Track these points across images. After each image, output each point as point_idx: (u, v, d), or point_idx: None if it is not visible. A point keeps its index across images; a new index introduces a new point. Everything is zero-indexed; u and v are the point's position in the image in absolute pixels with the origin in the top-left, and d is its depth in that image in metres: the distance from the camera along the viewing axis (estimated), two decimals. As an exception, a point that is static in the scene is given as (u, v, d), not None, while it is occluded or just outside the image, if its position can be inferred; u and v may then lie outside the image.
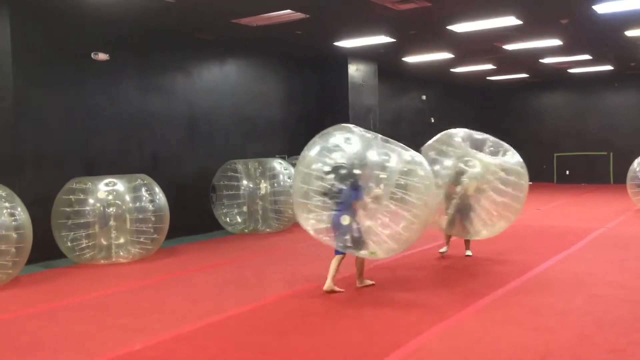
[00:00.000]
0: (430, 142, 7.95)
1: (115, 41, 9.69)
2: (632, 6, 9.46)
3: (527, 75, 18.83)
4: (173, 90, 10.80)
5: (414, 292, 6.36)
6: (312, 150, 6.13)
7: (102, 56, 9.35)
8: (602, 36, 12.20)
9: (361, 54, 13.69)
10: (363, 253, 6.05)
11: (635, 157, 13.08)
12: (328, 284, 6.24)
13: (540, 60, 15.40)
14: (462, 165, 7.56)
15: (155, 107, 10.44)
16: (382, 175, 5.86)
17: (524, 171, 7.73)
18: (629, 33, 11.78)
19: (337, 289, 6.27)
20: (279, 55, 13.09)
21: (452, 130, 8.12)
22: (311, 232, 6.13)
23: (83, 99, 9.29)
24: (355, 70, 14.05)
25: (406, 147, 6.25)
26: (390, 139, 6.28)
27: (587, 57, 15.17)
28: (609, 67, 17.32)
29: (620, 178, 13.17)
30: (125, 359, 4.53)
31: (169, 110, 10.70)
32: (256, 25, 10.08)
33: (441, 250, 8.30)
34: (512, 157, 7.82)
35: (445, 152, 7.72)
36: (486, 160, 7.61)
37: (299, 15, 9.45)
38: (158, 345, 4.80)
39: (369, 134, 6.19)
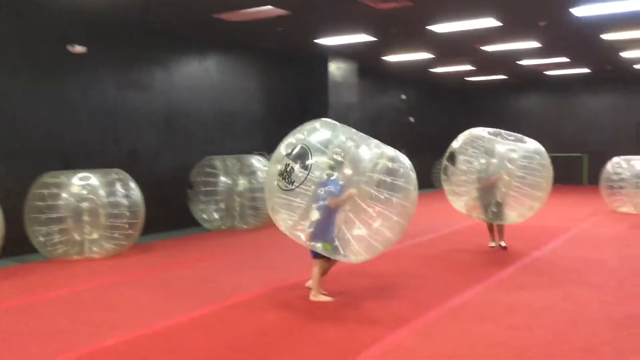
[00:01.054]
0: (459, 145, 8.49)
1: (93, 34, 9.53)
2: (610, 10, 9.58)
3: (506, 77, 19.01)
4: (151, 84, 10.67)
5: (391, 289, 6.37)
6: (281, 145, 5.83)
7: (78, 48, 9.20)
8: (580, 39, 12.34)
9: (342, 52, 13.68)
10: (318, 246, 5.55)
11: (609, 159, 13.28)
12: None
13: (518, 62, 15.54)
14: (511, 154, 8.12)
15: (133, 102, 10.31)
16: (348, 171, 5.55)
17: (539, 157, 8.17)
18: (606, 36, 11.94)
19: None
20: (260, 51, 13.02)
21: (475, 130, 8.64)
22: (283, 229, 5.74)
23: (60, 92, 9.13)
24: (335, 68, 14.04)
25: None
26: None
27: (564, 59, 15.36)
28: (585, 70, 17.56)
29: (594, 180, 13.37)
30: (98, 355, 4.46)
31: (147, 105, 10.57)
32: (237, 21, 10.01)
33: (491, 244, 8.65)
34: (531, 144, 8.29)
35: (481, 147, 8.31)
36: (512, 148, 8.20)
37: (280, 11, 9.39)
38: (132, 341, 4.73)
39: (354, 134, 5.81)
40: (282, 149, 5.76)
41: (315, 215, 5.51)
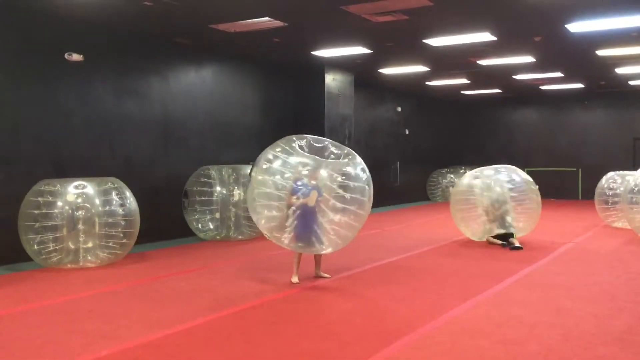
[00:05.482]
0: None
1: (90, 43, 9.56)
2: (604, 26, 9.68)
3: (501, 91, 19.12)
4: (148, 93, 10.69)
5: (383, 302, 6.37)
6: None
7: (75, 57, 9.22)
8: (574, 55, 12.46)
9: (338, 64, 13.75)
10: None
11: (604, 174, 13.33)
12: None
13: (514, 77, 15.66)
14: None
15: (129, 110, 10.32)
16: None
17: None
18: (600, 52, 12.05)
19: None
20: (257, 62, 13.08)
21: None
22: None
23: (55, 99, 9.15)
24: (332, 79, 14.11)
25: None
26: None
27: (559, 74, 15.48)
28: (579, 85, 17.68)
29: (588, 194, 13.44)
30: (90, 366, 4.45)
31: (144, 114, 10.59)
32: (234, 32, 10.06)
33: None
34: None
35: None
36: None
37: (277, 23, 9.46)
38: (125, 352, 4.72)
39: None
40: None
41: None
